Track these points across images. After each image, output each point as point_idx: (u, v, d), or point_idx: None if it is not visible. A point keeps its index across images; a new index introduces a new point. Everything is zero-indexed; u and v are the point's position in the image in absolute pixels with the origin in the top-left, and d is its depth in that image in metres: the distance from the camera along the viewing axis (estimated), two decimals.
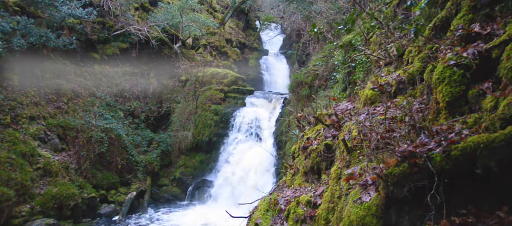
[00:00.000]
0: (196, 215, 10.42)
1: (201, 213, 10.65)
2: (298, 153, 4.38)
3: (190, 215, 10.52)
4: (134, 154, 11.72)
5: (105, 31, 13.17)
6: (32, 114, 9.68)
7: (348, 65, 8.34)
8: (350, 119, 3.70)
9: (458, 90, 2.64)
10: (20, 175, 8.28)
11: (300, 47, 18.54)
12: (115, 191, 10.90)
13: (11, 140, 8.70)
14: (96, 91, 12.13)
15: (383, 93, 3.84)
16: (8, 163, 8.25)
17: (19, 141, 8.87)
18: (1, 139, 8.58)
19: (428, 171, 2.00)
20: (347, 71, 8.39)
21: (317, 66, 11.32)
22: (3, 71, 9.72)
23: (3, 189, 7.65)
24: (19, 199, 8.03)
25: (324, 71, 10.78)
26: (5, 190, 7.66)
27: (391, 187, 2.24)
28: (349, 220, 2.56)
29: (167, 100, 14.20)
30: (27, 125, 9.40)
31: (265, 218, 3.55)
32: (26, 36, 9.63)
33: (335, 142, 3.66)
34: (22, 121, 9.36)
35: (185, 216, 10.41)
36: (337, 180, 3.11)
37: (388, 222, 2.37)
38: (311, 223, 3.09)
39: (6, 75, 9.74)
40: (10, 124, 9.06)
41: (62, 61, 11.68)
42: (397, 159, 2.19)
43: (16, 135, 8.92)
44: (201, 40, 17.16)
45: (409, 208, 2.34)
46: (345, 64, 8.44)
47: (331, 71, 10.62)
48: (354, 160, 3.11)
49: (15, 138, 8.81)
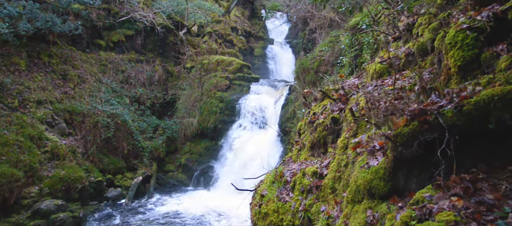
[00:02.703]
0: (201, 200, 10.48)
1: (206, 197, 10.72)
2: (304, 129, 4.34)
3: (196, 199, 10.59)
4: (140, 140, 11.79)
5: (111, 18, 13.16)
6: (40, 98, 9.75)
7: (355, 48, 8.23)
8: (357, 92, 3.64)
9: (470, 54, 2.56)
10: (29, 157, 8.38)
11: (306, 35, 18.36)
12: (121, 175, 11.00)
13: (19, 123, 8.78)
14: (102, 77, 12.17)
15: (391, 67, 3.75)
16: (17, 145, 8.34)
17: (27, 124, 8.95)
18: (10, 122, 8.67)
19: (438, 127, 1.94)
20: (354, 55, 8.27)
21: (323, 52, 11.19)
22: (10, 56, 9.77)
23: (12, 170, 7.75)
24: (28, 180, 8.14)
25: (330, 57, 10.64)
26: (14, 171, 7.77)
27: (400, 148, 2.19)
28: (356, 185, 2.52)
29: (173, 87, 14.21)
30: (34, 109, 9.48)
31: (271, 189, 3.53)
32: (32, 21, 9.66)
33: (342, 115, 3.61)
34: (30, 104, 9.44)
35: (191, 201, 10.48)
36: (344, 150, 3.06)
37: (396, 185, 2.32)
38: (317, 193, 3.06)
39: (13, 60, 9.80)
40: (18, 108, 9.15)
41: (69, 47, 11.71)
42: (407, 118, 2.14)
43: (24, 118, 9.00)
44: (206, 28, 17.08)
45: (418, 171, 2.30)
46: (352, 47, 8.32)
47: (337, 57, 10.48)
48: (361, 129, 3.06)
49: (23, 121, 8.89)
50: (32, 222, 7.60)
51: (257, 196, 3.64)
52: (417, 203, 1.89)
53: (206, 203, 10.06)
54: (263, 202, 3.40)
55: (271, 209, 3.24)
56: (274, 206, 3.23)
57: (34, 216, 7.73)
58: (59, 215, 7.98)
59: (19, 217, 7.61)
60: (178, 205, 10.10)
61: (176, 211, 9.59)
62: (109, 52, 13.06)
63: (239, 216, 9.07)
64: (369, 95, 3.07)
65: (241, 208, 9.29)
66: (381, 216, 2.24)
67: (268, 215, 3.22)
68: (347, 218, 2.51)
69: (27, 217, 7.68)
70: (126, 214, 9.26)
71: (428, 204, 1.80)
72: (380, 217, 2.25)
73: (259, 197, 3.55)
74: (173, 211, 9.58)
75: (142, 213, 9.44)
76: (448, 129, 1.89)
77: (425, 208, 1.77)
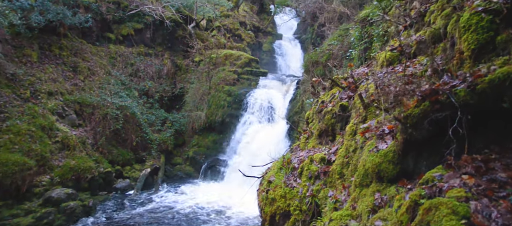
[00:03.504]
0: (208, 192, 10.55)
1: (213, 189, 10.79)
2: (312, 118, 4.31)
3: (203, 191, 10.67)
4: (149, 132, 11.90)
5: (120, 11, 13.27)
6: (51, 90, 9.91)
7: (365, 41, 8.13)
8: (367, 80, 3.59)
9: (485, 37, 2.50)
10: (40, 146, 8.53)
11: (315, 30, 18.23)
12: (130, 167, 11.13)
13: (31, 113, 8.94)
14: (112, 70, 12.30)
15: (402, 54, 3.70)
16: (29, 135, 8.50)
17: (39, 115, 9.11)
18: (22, 112, 8.83)
19: (450, 107, 1.90)
20: (363, 47, 8.18)
21: (332, 46, 11.09)
22: (22, 47, 9.94)
23: (24, 158, 7.91)
24: (39, 169, 8.29)
25: (340, 50, 10.54)
26: (26, 160, 7.92)
27: (410, 130, 2.16)
28: (364, 169, 2.49)
29: (181, 80, 14.29)
30: (45, 100, 9.63)
31: (278, 175, 3.52)
32: (44, 13, 9.80)
33: (351, 102, 3.57)
34: (41, 95, 9.60)
35: (198, 193, 10.55)
36: (353, 136, 3.03)
37: (405, 168, 2.29)
38: (324, 179, 3.04)
39: (25, 52, 9.96)
40: (29, 98, 9.31)
41: (79, 40, 11.86)
42: (418, 99, 2.10)
43: (36, 108, 9.16)
44: (215, 22, 17.09)
45: (428, 153, 2.26)
46: (362, 40, 8.22)
47: (346, 50, 10.38)
48: (370, 115, 3.02)
49: (34, 112, 9.05)
50: (44, 209, 7.75)
51: (264, 182, 3.64)
52: (426, 182, 1.86)
53: (214, 195, 10.12)
54: (270, 188, 3.40)
55: (278, 194, 3.24)
56: (281, 192, 3.23)
57: (45, 204, 7.88)
58: (70, 203, 8.12)
59: (31, 205, 7.77)
60: (186, 196, 10.19)
61: (183, 202, 9.67)
62: (118, 46, 13.19)
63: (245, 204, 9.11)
64: (379, 81, 3.03)
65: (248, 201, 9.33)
66: (390, 198, 2.21)
67: (275, 200, 3.22)
68: (354, 201, 2.49)
69: (38, 205, 7.84)
70: (134, 205, 9.38)
71: (438, 183, 1.76)
72: (388, 200, 2.22)
73: (266, 183, 3.55)
74: (180, 203, 9.66)
75: (150, 204, 9.55)
76: (460, 108, 1.85)
77: (435, 187, 1.74)
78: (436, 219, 1.43)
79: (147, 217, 8.53)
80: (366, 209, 2.28)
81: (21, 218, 7.44)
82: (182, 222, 8.24)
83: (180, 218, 8.52)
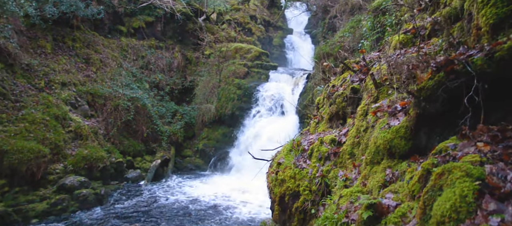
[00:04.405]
0: (217, 184, 10.61)
1: (222, 181, 10.84)
2: (322, 103, 4.27)
3: (212, 183, 10.73)
4: (159, 124, 12.02)
5: (132, 4, 13.39)
6: (64, 80, 10.10)
7: (377, 30, 8.00)
8: (379, 62, 3.53)
9: (504, 11, 2.41)
10: (54, 135, 8.70)
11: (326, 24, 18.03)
12: (140, 158, 11.26)
13: (45, 103, 9.13)
14: (123, 62, 12.45)
15: (415, 37, 3.61)
16: (43, 123, 8.68)
17: (52, 105, 9.29)
18: (37, 102, 9.02)
19: (466, 76, 1.84)
20: (376, 38, 8.05)
21: (344, 38, 10.96)
22: (37, 39, 10.15)
23: (39, 146, 8.09)
24: (53, 157, 8.47)
25: (351, 42, 10.41)
26: (41, 147, 8.10)
27: (423, 103, 2.10)
28: (375, 146, 2.45)
29: (191, 73, 14.36)
30: (59, 90, 9.82)
31: (288, 157, 3.50)
32: (57, 5, 9.97)
33: (362, 85, 3.52)
34: (55, 86, 9.79)
35: (207, 184, 10.62)
36: (364, 116, 2.98)
37: (417, 144, 2.24)
38: (334, 160, 3.01)
39: (40, 43, 10.17)
40: (44, 88, 9.51)
41: (91, 32, 12.03)
42: (432, 71, 2.04)
43: (50, 98, 9.35)
44: (225, 15, 17.09)
45: (441, 128, 2.20)
46: (374, 30, 8.09)
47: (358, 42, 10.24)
48: (382, 95, 2.96)
49: (49, 101, 9.24)
50: (58, 196, 7.93)
51: (274, 164, 3.62)
52: (440, 152, 1.81)
53: (222, 187, 10.17)
54: (279, 170, 3.38)
55: (288, 175, 3.21)
56: (291, 173, 3.20)
57: (59, 191, 8.05)
58: (82, 191, 8.28)
59: (46, 191, 7.95)
60: (195, 188, 10.26)
61: (192, 193, 9.75)
62: (129, 38, 13.33)
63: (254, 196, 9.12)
64: (392, 61, 2.97)
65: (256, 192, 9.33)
66: (401, 173, 2.17)
67: (285, 181, 3.20)
68: (365, 179, 2.45)
69: (53, 192, 8.01)
70: (145, 195, 9.50)
71: (451, 152, 1.71)
72: (400, 175, 2.18)
73: (276, 165, 3.53)
74: (190, 193, 9.74)
75: (160, 194, 9.66)
76: (477, 76, 1.79)
77: (448, 156, 1.69)
78: (449, 182, 1.39)
79: (158, 207, 8.63)
80: (377, 185, 2.24)
81: (37, 204, 7.63)
82: (192, 212, 8.31)
83: (189, 208, 8.59)
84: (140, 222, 7.60)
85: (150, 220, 7.87)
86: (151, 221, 7.78)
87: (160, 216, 8.10)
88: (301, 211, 2.93)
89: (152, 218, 7.99)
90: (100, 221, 7.65)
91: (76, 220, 7.64)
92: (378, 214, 1.82)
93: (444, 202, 1.36)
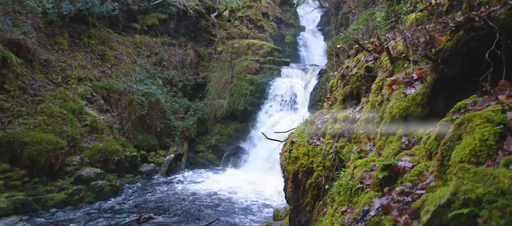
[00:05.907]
0: (230, 177, 10.64)
1: (235, 176, 10.86)
2: (336, 86, 4.22)
3: (225, 178, 10.76)
4: (172, 119, 12.15)
5: (145, 2, 13.61)
6: (80, 76, 10.34)
7: (391, 20, 7.85)
8: (394, 39, 3.46)
9: None
10: (71, 128, 8.92)
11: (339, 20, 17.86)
12: (154, 152, 11.41)
13: (62, 97, 9.37)
14: (137, 59, 12.65)
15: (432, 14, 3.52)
16: (60, 117, 8.91)
17: (69, 99, 9.53)
18: (54, 96, 9.27)
19: (487, 32, 1.77)
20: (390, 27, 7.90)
21: (357, 30, 10.80)
22: (55, 35, 10.43)
23: (57, 138, 8.30)
24: (70, 150, 8.68)
25: (365, 35, 10.24)
26: (59, 140, 8.31)
27: (441, 66, 2.04)
28: (390, 116, 2.39)
29: (204, 70, 14.47)
30: (76, 85, 10.06)
31: (301, 136, 3.47)
32: (74, 2, 10.22)
33: (377, 63, 3.45)
34: (72, 81, 10.03)
35: (220, 178, 10.67)
36: (379, 91, 2.93)
37: (435, 110, 2.17)
38: (349, 135, 2.96)
39: (57, 40, 10.45)
40: (61, 83, 9.76)
41: (106, 30, 12.28)
42: (451, 32, 1.98)
43: (67, 93, 9.59)
44: (238, 12, 17.15)
45: (460, 93, 2.13)
46: (388, 19, 7.94)
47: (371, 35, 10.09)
48: (397, 69, 2.90)
49: (66, 96, 9.48)
50: (75, 186, 8.11)
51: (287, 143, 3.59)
52: (458, 110, 1.75)
53: (235, 181, 10.19)
54: (293, 148, 3.35)
55: (301, 152, 3.18)
56: (304, 150, 3.17)
57: (76, 182, 8.25)
58: (98, 182, 8.45)
59: (63, 182, 8.16)
60: (208, 182, 10.32)
61: (205, 186, 9.80)
62: (143, 35, 13.54)
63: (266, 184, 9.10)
64: (408, 34, 2.90)
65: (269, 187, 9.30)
66: (417, 140, 2.11)
67: (299, 158, 3.17)
68: (380, 149, 2.40)
69: (70, 183, 8.21)
70: (159, 188, 9.61)
71: (471, 108, 1.66)
72: (416, 141, 2.12)
73: (289, 144, 3.51)
74: (203, 186, 9.80)
75: (173, 187, 9.75)
76: (499, 30, 1.72)
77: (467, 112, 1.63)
78: (468, 129, 1.34)
79: (171, 199, 8.72)
80: (392, 152, 2.18)
81: (55, 194, 7.83)
82: (204, 206, 8.35)
83: (202, 201, 8.64)
84: (154, 213, 7.69)
85: (165, 211, 7.96)
86: (166, 212, 7.87)
87: (174, 207, 8.18)
88: (314, 187, 2.89)
89: (167, 209, 8.08)
90: (115, 211, 7.78)
91: (92, 210, 7.80)
92: (393, 175, 1.77)
93: (463, 148, 1.31)
